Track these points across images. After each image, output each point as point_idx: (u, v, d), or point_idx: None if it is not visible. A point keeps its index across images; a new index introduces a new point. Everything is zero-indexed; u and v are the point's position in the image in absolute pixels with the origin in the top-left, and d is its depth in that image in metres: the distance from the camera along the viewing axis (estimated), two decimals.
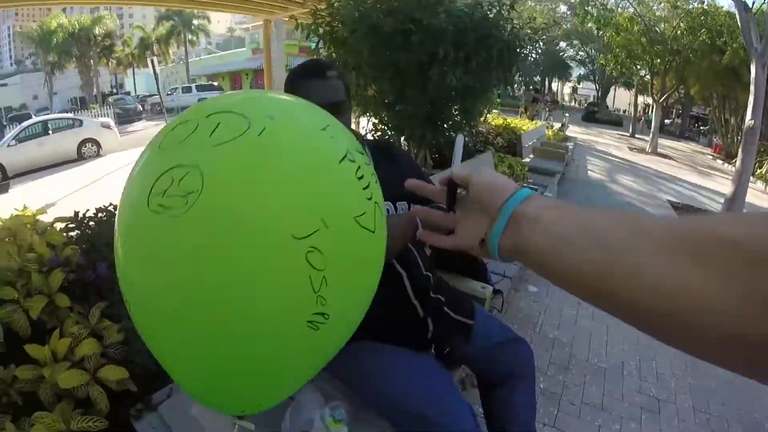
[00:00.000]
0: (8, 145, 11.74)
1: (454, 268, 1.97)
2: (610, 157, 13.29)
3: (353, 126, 3.35)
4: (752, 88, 5.88)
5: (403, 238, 1.16)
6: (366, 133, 4.15)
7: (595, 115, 29.18)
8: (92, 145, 12.71)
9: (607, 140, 18.42)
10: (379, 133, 4.28)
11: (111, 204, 2.51)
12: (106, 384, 1.55)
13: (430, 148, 4.33)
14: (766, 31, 5.63)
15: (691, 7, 14.09)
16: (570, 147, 9.05)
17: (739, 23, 5.92)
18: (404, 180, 1.34)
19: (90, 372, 1.55)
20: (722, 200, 6.99)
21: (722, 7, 13.73)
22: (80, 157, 12.32)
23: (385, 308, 1.25)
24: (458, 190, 0.59)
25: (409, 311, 1.30)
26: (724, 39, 12.66)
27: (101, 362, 1.60)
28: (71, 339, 1.63)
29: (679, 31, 13.63)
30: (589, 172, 9.84)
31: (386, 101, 4.03)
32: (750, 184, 7.32)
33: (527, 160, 5.63)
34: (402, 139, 4.22)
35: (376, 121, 4.23)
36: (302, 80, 1.24)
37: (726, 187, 7.56)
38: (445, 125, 4.20)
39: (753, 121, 5.95)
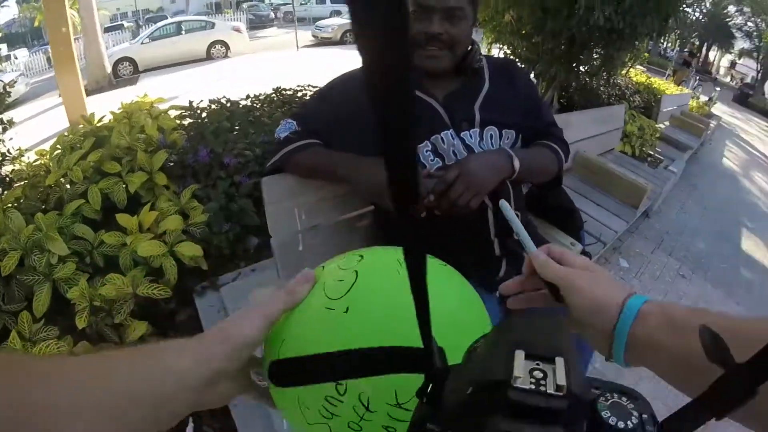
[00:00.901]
0: (142, 43, 12.68)
1: (548, 216, 1.90)
2: (752, 150, 11.65)
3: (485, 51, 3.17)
4: None
5: (499, 174, 1.08)
6: None
7: (749, 98, 25.42)
8: (221, 47, 13.44)
9: (755, 131, 16.07)
10: None
11: (224, 97, 2.62)
12: (180, 259, 1.64)
13: (560, 90, 4.03)
14: None
15: None
16: (712, 125, 8.00)
17: None
18: (517, 107, 1.23)
19: (168, 245, 1.65)
20: None
21: None
22: (209, 57, 13.13)
23: (462, 238, 1.20)
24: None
25: (485, 247, 1.22)
26: None
27: (180, 238, 1.69)
28: (158, 213, 1.74)
29: None
30: (724, 158, 8.72)
31: (523, 31, 3.73)
32: None
33: (661, 126, 5.08)
34: (531, 75, 3.96)
35: (509, 52, 3.96)
36: None
37: None
38: (582, 68, 3.86)
39: None
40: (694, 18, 25.76)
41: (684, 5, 3.70)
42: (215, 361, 0.41)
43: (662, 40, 4.59)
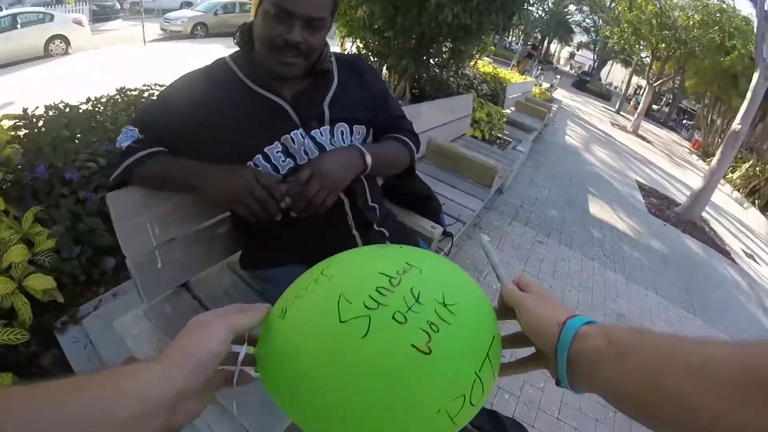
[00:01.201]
0: None
1: (407, 203, 1.92)
2: (590, 127, 13.43)
3: (337, 49, 3.20)
4: (749, 95, 6.02)
5: (353, 170, 1.10)
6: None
7: (586, 84, 29.33)
8: (61, 42, 11.66)
9: (591, 111, 18.52)
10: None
11: (62, 101, 2.32)
12: (32, 294, 1.49)
13: (412, 82, 4.24)
14: None
15: (709, 2, 13.82)
16: (554, 108, 9.07)
17: (755, 30, 5.89)
18: (367, 102, 1.29)
19: (16, 281, 1.48)
20: (688, 193, 7.38)
21: (740, 10, 13.67)
22: (47, 54, 11.42)
23: (323, 237, 1.20)
24: None
25: (347, 241, 1.22)
26: (734, 42, 12.69)
27: (29, 270, 1.53)
28: (0, 244, 1.54)
29: (691, 22, 13.50)
30: (566, 136, 9.94)
31: (375, 26, 3.86)
32: (718, 185, 7.73)
33: (508, 111, 5.61)
34: (384, 68, 4.12)
35: (361, 46, 4.06)
36: None
37: (695, 182, 7.94)
38: (432, 61, 4.11)
39: (740, 126, 6.15)
40: (537, 15, 28.80)
41: (527, 4, 4.07)
42: (179, 381, 0.39)
43: (507, 35, 5.00)
